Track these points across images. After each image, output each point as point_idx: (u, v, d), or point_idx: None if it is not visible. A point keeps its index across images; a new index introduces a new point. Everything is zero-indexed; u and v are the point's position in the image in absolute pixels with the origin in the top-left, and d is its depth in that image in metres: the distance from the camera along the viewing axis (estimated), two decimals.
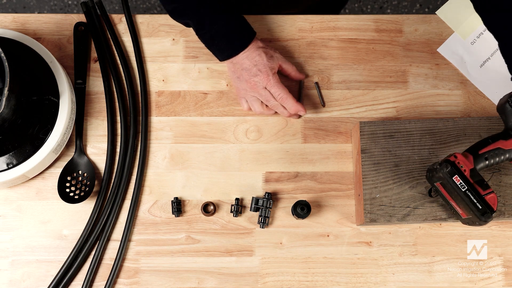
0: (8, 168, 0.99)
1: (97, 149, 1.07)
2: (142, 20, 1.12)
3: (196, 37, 1.04)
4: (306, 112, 1.05)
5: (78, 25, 1.10)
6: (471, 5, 1.03)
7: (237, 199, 1.04)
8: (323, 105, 1.08)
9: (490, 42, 1.11)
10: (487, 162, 0.91)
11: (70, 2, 2.08)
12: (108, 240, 1.03)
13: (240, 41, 1.00)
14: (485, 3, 0.97)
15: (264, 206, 1.02)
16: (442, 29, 1.12)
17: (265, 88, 1.00)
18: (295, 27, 1.12)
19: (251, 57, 1.00)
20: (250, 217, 1.04)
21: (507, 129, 0.92)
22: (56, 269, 1.02)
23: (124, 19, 1.12)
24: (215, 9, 0.98)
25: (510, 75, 0.95)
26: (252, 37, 1.00)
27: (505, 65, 0.95)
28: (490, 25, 0.97)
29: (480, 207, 0.88)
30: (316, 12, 1.28)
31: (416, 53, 1.11)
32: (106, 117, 1.07)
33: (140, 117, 1.08)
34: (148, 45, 1.11)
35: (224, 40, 1.00)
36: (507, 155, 0.92)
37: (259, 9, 1.22)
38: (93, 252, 1.02)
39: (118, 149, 1.06)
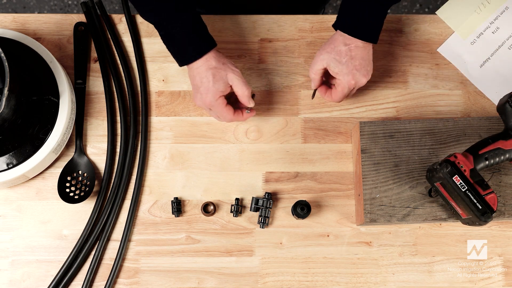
0: (8, 168, 0.99)
1: (97, 149, 1.07)
2: (142, 20, 1.12)
3: None
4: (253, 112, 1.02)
5: (78, 25, 1.10)
6: (471, 5, 1.03)
7: (237, 199, 1.04)
8: (312, 98, 1.07)
9: (490, 42, 1.11)
10: (487, 162, 0.91)
11: (70, 2, 2.08)
12: (108, 240, 1.03)
13: (188, 55, 0.96)
14: None
15: (264, 206, 1.02)
16: (442, 29, 1.12)
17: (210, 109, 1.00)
18: (295, 27, 1.12)
19: (200, 76, 0.97)
20: (250, 217, 1.04)
21: (507, 129, 0.92)
22: (56, 269, 1.02)
23: (124, 19, 1.12)
24: (174, 13, 0.96)
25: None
26: (202, 52, 0.96)
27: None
28: None
29: (480, 207, 0.88)
30: (297, 8, 1.28)
31: (416, 53, 1.11)
32: (106, 117, 1.07)
33: (140, 117, 1.08)
34: (148, 45, 1.11)
35: (177, 48, 0.97)
36: (507, 155, 0.92)
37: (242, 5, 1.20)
38: (93, 252, 1.02)
39: (118, 149, 1.06)
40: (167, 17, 0.95)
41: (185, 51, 0.96)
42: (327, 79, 1.04)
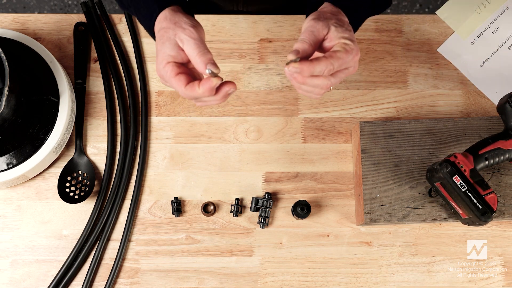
0: (8, 168, 0.99)
1: (97, 149, 1.07)
2: None
3: None
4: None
5: (78, 25, 1.10)
6: (471, 5, 1.03)
7: (237, 199, 1.04)
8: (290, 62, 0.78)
9: (490, 42, 1.11)
10: (487, 162, 0.91)
11: (70, 2, 2.08)
12: (108, 240, 1.03)
13: (145, 20, 0.80)
14: None
15: (264, 206, 1.02)
16: (442, 29, 1.12)
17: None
18: (295, 27, 1.12)
19: (157, 36, 0.78)
20: (250, 217, 1.04)
21: (507, 129, 0.92)
22: (56, 269, 1.02)
23: (124, 19, 1.12)
24: None
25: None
26: (153, 13, 0.78)
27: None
28: None
29: (480, 207, 0.88)
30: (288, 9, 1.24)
31: (416, 53, 1.11)
32: (106, 117, 1.07)
33: (140, 117, 1.08)
34: (148, 45, 1.11)
35: (140, 17, 0.83)
36: (507, 155, 0.92)
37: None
38: (93, 252, 1.02)
39: (118, 149, 1.06)
40: None
41: (143, 17, 0.81)
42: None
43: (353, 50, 0.73)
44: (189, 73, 0.76)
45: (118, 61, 1.10)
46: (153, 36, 0.80)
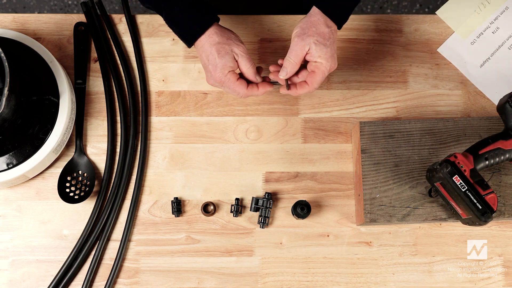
0: (8, 168, 0.99)
1: (97, 149, 1.07)
2: (142, 20, 1.12)
3: None
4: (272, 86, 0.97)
5: (78, 25, 1.10)
6: (471, 5, 1.03)
7: (237, 199, 1.04)
8: (288, 89, 0.97)
9: (490, 42, 1.11)
10: (487, 162, 0.91)
11: (70, 2, 2.08)
12: (108, 240, 1.03)
13: (190, 33, 0.93)
14: None
15: (264, 206, 1.02)
16: (442, 29, 1.12)
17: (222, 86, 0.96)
18: (295, 27, 1.12)
19: (206, 53, 0.93)
20: (250, 217, 1.04)
21: (507, 129, 0.93)
22: (56, 269, 1.02)
23: (124, 19, 1.12)
24: None
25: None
26: (204, 27, 0.92)
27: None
28: None
29: (480, 207, 0.88)
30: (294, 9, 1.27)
31: (416, 53, 1.11)
32: (106, 117, 1.07)
33: (140, 117, 1.08)
34: (148, 45, 1.11)
35: (179, 27, 0.94)
36: (507, 155, 0.92)
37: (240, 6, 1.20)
38: (93, 252, 1.02)
39: (118, 149, 1.06)
40: None
41: (187, 30, 0.93)
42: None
43: (321, 68, 0.93)
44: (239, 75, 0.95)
45: (118, 61, 1.10)
46: (189, 43, 0.94)
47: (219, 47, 0.92)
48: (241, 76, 0.96)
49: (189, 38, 0.94)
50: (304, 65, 0.95)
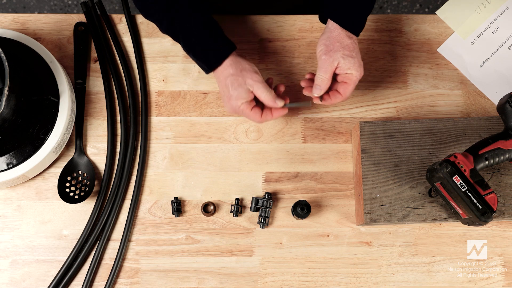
0: (8, 168, 0.99)
1: (97, 149, 1.07)
2: (142, 20, 1.12)
3: None
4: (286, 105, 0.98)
5: (78, 25, 1.10)
6: (471, 5, 1.03)
7: (237, 199, 1.04)
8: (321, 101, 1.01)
9: (490, 42, 1.11)
10: (487, 162, 0.91)
11: (70, 2, 2.08)
12: (108, 240, 1.03)
13: (207, 63, 0.96)
14: None
15: (264, 206, 1.02)
16: (442, 29, 1.12)
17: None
18: (295, 27, 1.12)
19: (221, 84, 0.97)
20: (250, 217, 1.04)
21: (507, 129, 0.93)
22: (56, 269, 1.02)
23: (124, 19, 1.12)
24: (189, 20, 0.96)
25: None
26: (221, 58, 0.95)
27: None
28: None
29: (480, 207, 0.88)
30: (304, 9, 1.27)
31: (416, 53, 1.11)
32: (106, 117, 1.07)
33: (140, 117, 1.08)
34: (148, 45, 1.11)
35: (197, 57, 0.97)
36: (507, 155, 0.92)
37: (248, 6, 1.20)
38: (93, 252, 1.02)
39: (118, 149, 1.06)
40: (183, 26, 0.95)
41: (204, 61, 0.97)
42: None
43: (353, 78, 0.96)
44: (255, 103, 0.97)
45: (118, 61, 1.10)
46: (206, 72, 0.97)
47: (232, 79, 0.95)
48: (258, 102, 0.98)
49: (206, 68, 0.97)
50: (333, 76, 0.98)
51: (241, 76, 0.95)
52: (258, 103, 0.98)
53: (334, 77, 0.98)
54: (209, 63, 0.96)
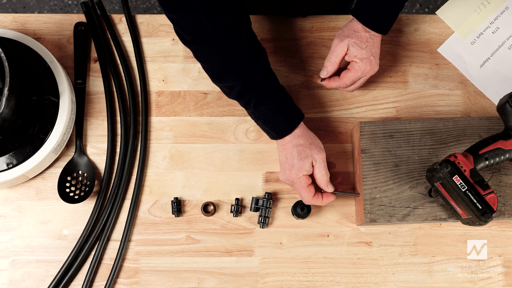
0: (8, 168, 0.99)
1: (97, 149, 1.07)
2: (142, 20, 1.12)
3: None
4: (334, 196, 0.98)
5: (78, 25, 1.10)
6: (471, 5, 1.03)
7: (237, 199, 1.04)
8: (321, 81, 1.04)
9: (490, 42, 1.11)
10: (487, 162, 0.91)
11: (70, 2, 2.08)
12: (108, 240, 1.03)
13: (278, 131, 0.96)
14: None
15: (264, 206, 1.02)
16: (442, 29, 1.12)
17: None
18: (295, 27, 1.12)
19: (285, 152, 0.96)
20: (250, 217, 1.04)
21: (507, 129, 0.93)
22: (56, 269, 1.02)
23: (124, 19, 1.12)
24: (264, 88, 0.95)
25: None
26: (291, 127, 0.95)
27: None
28: None
29: (480, 207, 0.88)
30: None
31: (416, 53, 1.11)
32: (106, 117, 1.07)
33: (140, 117, 1.08)
34: (148, 45, 1.11)
35: (266, 124, 0.96)
36: (507, 155, 0.92)
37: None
38: (93, 252, 1.02)
39: (118, 149, 1.06)
40: (257, 93, 0.94)
41: (274, 128, 0.96)
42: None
43: (356, 67, 0.99)
44: (311, 181, 0.97)
45: (118, 61, 1.10)
46: (276, 137, 0.96)
47: (300, 149, 0.95)
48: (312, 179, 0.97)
49: (274, 136, 0.96)
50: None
51: (309, 149, 0.95)
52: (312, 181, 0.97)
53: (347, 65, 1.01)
54: (279, 131, 0.95)
